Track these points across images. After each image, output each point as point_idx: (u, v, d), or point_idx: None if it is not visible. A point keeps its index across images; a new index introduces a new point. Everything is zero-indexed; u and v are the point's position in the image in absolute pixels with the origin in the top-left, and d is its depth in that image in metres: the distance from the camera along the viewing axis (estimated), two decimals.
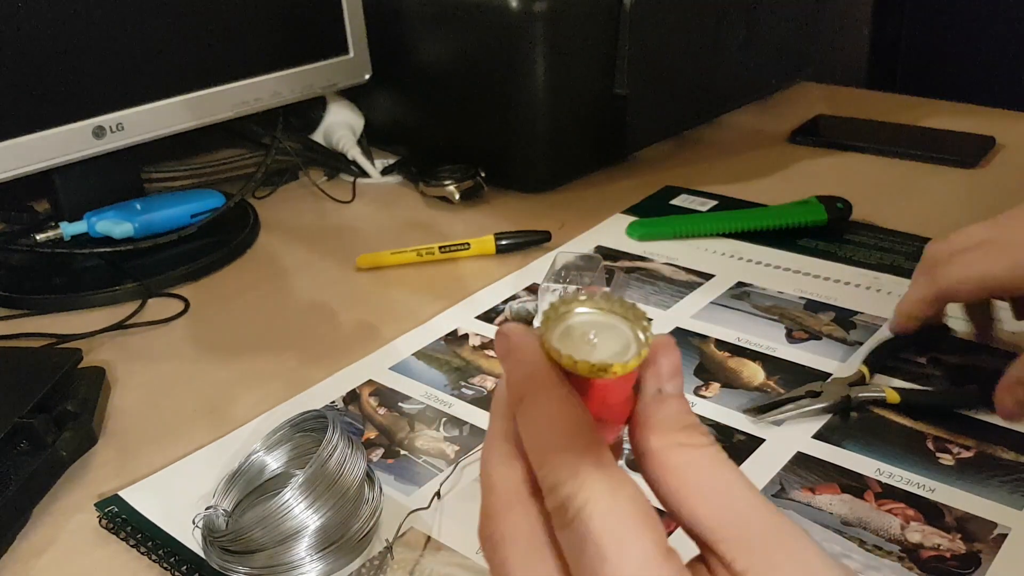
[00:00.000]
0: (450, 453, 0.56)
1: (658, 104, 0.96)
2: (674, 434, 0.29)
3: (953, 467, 0.52)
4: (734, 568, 0.27)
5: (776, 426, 0.56)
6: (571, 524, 0.27)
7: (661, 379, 0.30)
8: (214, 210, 0.85)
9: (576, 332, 0.30)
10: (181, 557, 0.49)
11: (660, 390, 0.30)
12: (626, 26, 0.89)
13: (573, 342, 0.30)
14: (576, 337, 0.30)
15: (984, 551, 0.46)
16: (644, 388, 0.30)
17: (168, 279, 0.78)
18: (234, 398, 0.63)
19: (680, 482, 0.28)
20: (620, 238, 0.81)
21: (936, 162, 0.93)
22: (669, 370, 0.30)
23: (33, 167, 0.75)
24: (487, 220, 0.87)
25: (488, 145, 0.93)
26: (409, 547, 0.49)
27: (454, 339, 0.68)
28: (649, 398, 0.30)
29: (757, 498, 0.28)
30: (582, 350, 0.29)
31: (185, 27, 0.82)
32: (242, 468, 0.52)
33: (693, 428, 0.29)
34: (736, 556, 0.27)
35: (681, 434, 0.29)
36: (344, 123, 1.01)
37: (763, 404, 0.57)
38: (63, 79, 0.76)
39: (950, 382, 0.59)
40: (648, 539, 0.26)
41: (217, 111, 0.86)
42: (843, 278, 0.72)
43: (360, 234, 0.88)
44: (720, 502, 0.27)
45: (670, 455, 0.28)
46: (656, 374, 0.30)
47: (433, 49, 0.93)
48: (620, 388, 0.30)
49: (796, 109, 1.10)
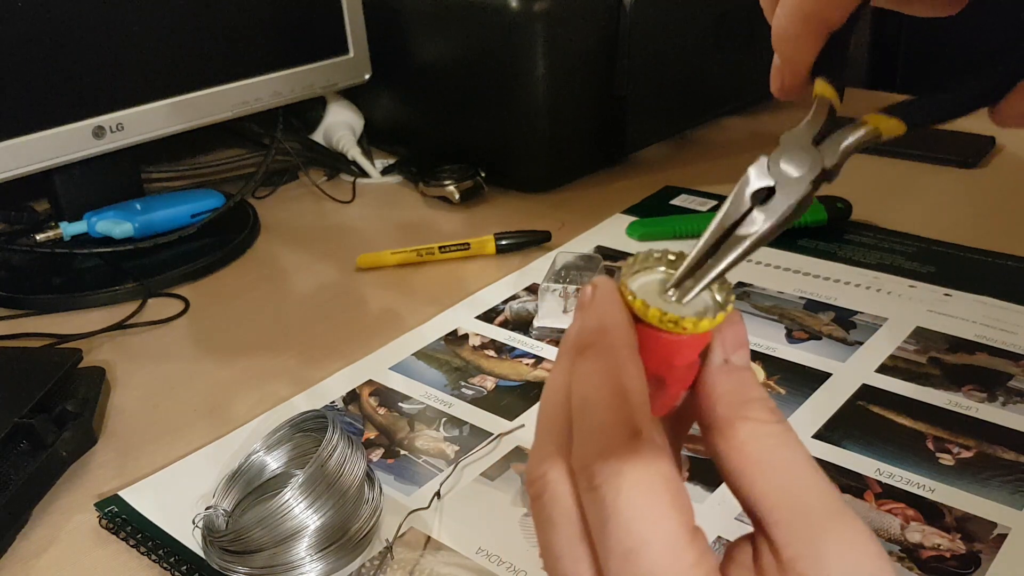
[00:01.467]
0: (450, 453, 0.56)
1: (658, 104, 0.96)
2: (740, 407, 0.28)
3: (953, 467, 0.52)
4: (782, 555, 0.25)
5: None
6: (596, 491, 0.26)
7: (727, 349, 0.29)
8: (214, 210, 0.85)
9: (655, 286, 0.29)
10: (181, 557, 0.49)
11: (727, 360, 0.29)
12: (626, 26, 0.89)
13: (650, 294, 0.29)
14: (654, 290, 0.29)
15: (984, 551, 0.46)
16: (711, 357, 0.29)
17: (168, 279, 0.78)
18: (234, 398, 0.63)
19: (742, 457, 0.27)
20: (620, 238, 0.81)
21: (936, 162, 0.93)
22: (735, 341, 0.29)
23: (33, 167, 0.75)
24: (487, 220, 0.87)
25: (488, 145, 0.93)
26: (409, 547, 0.49)
27: (454, 339, 0.68)
28: (715, 367, 0.29)
29: (821, 483, 0.26)
30: (656, 302, 0.28)
31: (185, 27, 0.82)
32: (242, 468, 0.52)
33: (760, 402, 0.28)
34: (787, 542, 0.25)
35: (747, 407, 0.28)
36: (344, 123, 1.01)
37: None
38: (63, 79, 0.76)
39: (950, 382, 0.59)
40: (675, 519, 0.25)
41: (217, 111, 0.86)
42: (843, 278, 0.72)
43: (360, 234, 0.88)
44: (779, 482, 0.26)
45: (735, 429, 0.27)
46: (723, 343, 0.29)
47: (433, 49, 0.93)
48: (688, 349, 0.28)
49: (796, 109, 1.10)
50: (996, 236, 0.77)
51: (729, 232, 0.30)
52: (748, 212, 0.30)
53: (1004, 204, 0.85)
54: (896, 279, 0.72)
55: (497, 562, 0.47)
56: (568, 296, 0.67)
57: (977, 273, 0.72)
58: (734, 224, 0.30)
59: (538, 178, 0.93)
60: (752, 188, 0.30)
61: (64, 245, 0.80)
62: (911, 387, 0.59)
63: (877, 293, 0.70)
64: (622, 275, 0.29)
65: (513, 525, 0.50)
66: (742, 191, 0.30)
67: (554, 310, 0.68)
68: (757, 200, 0.30)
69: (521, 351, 0.66)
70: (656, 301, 0.28)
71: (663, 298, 0.29)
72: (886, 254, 0.76)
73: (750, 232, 0.30)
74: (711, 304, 0.29)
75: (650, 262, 0.30)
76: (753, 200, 0.30)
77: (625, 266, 0.29)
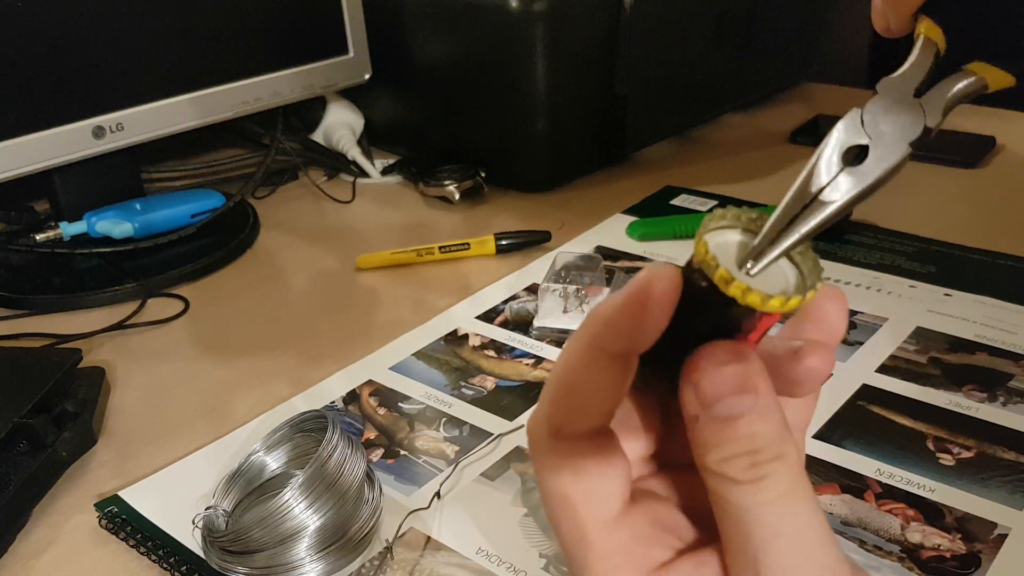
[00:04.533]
0: (450, 453, 0.56)
1: (658, 104, 0.96)
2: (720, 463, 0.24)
3: (953, 467, 0.52)
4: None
5: None
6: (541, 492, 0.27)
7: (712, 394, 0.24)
8: (214, 210, 0.85)
9: (733, 249, 0.25)
10: (181, 557, 0.49)
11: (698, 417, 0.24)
12: (626, 26, 0.89)
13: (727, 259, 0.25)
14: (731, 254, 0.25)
15: (984, 551, 0.46)
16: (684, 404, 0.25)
17: (168, 279, 0.78)
18: (234, 398, 0.63)
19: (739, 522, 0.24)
20: (620, 238, 0.81)
21: (936, 162, 0.93)
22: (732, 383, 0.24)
23: (33, 167, 0.75)
24: (487, 220, 0.87)
25: (488, 145, 0.93)
26: (409, 547, 0.49)
27: (454, 339, 0.68)
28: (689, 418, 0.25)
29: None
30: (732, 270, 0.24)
31: (185, 27, 0.82)
32: (242, 468, 0.52)
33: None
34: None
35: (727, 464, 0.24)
36: (344, 123, 1.01)
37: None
38: (63, 79, 0.76)
39: (951, 382, 0.59)
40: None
41: (217, 111, 0.85)
42: (843, 278, 0.72)
43: (360, 234, 0.88)
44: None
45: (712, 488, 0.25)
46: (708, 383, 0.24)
47: (433, 49, 0.93)
48: (766, 325, 0.25)
49: (796, 109, 1.10)
50: (996, 236, 0.77)
51: (815, 197, 0.26)
52: (839, 173, 0.26)
53: (1004, 204, 0.85)
54: (896, 279, 0.72)
55: (497, 562, 0.47)
56: (568, 296, 0.67)
57: (977, 273, 0.72)
58: (821, 188, 0.26)
59: (538, 178, 0.93)
60: (843, 146, 0.26)
61: (64, 245, 0.80)
62: (911, 387, 0.59)
63: (877, 293, 0.70)
64: (703, 229, 0.25)
65: (513, 525, 0.50)
66: (831, 149, 0.26)
67: (554, 310, 0.68)
68: (848, 160, 0.26)
69: (521, 351, 0.66)
70: (732, 268, 0.24)
71: (740, 269, 0.25)
72: (886, 254, 0.76)
73: (834, 198, 0.26)
74: (792, 281, 0.25)
75: (740, 220, 0.26)
76: (843, 160, 0.26)
77: (709, 218, 0.25)
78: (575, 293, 0.67)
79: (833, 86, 1.19)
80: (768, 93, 1.13)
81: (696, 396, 0.24)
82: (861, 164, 0.26)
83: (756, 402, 0.24)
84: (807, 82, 1.19)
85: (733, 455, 0.24)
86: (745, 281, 0.23)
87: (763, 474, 0.24)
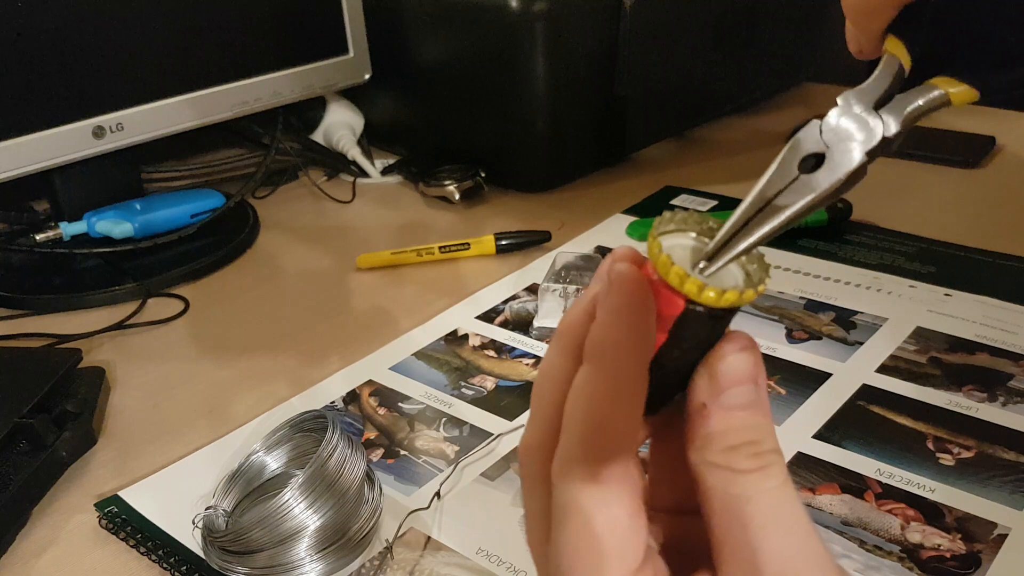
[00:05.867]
0: (450, 453, 0.56)
1: (658, 104, 0.96)
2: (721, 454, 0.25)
3: (953, 467, 0.52)
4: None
5: (777, 425, 0.56)
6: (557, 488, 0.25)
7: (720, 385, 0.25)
8: (214, 210, 0.85)
9: (687, 253, 0.26)
10: (181, 557, 0.49)
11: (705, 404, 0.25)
12: (626, 26, 0.89)
13: (681, 260, 0.26)
14: (685, 257, 0.26)
15: (984, 551, 0.46)
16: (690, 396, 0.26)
17: (168, 279, 0.78)
18: (234, 398, 0.63)
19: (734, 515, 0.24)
20: (620, 238, 0.81)
21: (936, 162, 0.93)
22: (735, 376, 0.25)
23: (33, 167, 0.75)
24: (487, 220, 0.87)
25: (488, 145, 0.93)
26: (409, 547, 0.49)
27: (454, 339, 0.68)
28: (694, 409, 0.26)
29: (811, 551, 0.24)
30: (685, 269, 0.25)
31: (185, 27, 0.82)
32: (242, 468, 0.52)
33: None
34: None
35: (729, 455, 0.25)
36: (344, 123, 1.01)
37: None
38: (63, 79, 0.76)
39: (950, 382, 0.59)
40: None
41: (217, 111, 0.85)
42: (843, 278, 0.72)
43: (360, 234, 0.88)
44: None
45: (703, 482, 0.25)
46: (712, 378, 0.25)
47: (433, 49, 0.93)
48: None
49: (796, 109, 1.10)
50: (996, 236, 0.77)
51: (769, 202, 0.27)
52: (793, 181, 0.27)
53: (1004, 204, 0.85)
54: (896, 279, 0.72)
55: (497, 562, 0.47)
56: (568, 296, 0.67)
57: (977, 273, 0.72)
58: (776, 193, 0.27)
59: (538, 178, 0.93)
60: (801, 154, 0.27)
61: (64, 245, 0.80)
62: (911, 387, 0.59)
63: (877, 293, 0.70)
64: (655, 231, 0.26)
65: (513, 525, 0.50)
66: (789, 157, 0.27)
67: (554, 310, 0.68)
68: (805, 168, 0.27)
69: (521, 351, 0.66)
70: (686, 267, 0.25)
71: (693, 269, 0.26)
72: (886, 254, 0.76)
73: (788, 204, 0.26)
74: (740, 278, 0.26)
75: (688, 224, 0.27)
76: (801, 168, 0.27)
77: (660, 221, 0.27)
78: (575, 293, 0.67)
79: (832, 86, 1.19)
80: (767, 94, 1.13)
81: (711, 382, 0.25)
82: (816, 172, 0.27)
83: (760, 394, 0.25)
84: (806, 82, 1.19)
85: (738, 444, 0.25)
86: (700, 279, 0.25)
87: (766, 463, 0.25)
